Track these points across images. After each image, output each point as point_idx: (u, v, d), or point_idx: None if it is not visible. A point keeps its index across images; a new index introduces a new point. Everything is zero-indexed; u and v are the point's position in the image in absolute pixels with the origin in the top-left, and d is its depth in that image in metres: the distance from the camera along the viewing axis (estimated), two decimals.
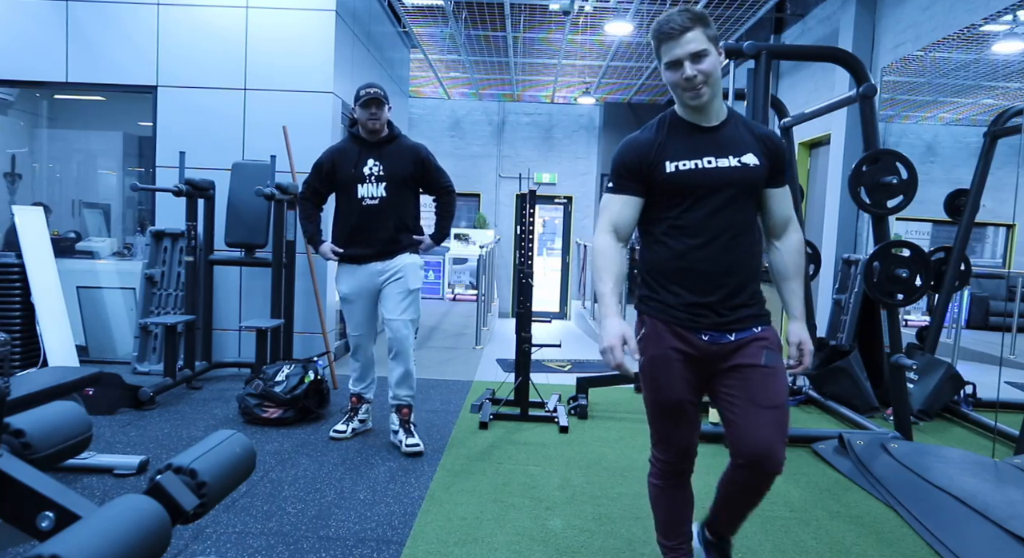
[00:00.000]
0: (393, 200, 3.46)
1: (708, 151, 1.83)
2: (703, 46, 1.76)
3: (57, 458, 1.30)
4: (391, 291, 3.48)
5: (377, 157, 3.47)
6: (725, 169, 1.82)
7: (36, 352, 4.48)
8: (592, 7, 7.09)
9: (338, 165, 3.49)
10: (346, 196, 3.49)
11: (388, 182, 3.45)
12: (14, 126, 6.58)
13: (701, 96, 1.79)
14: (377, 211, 3.45)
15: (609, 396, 4.73)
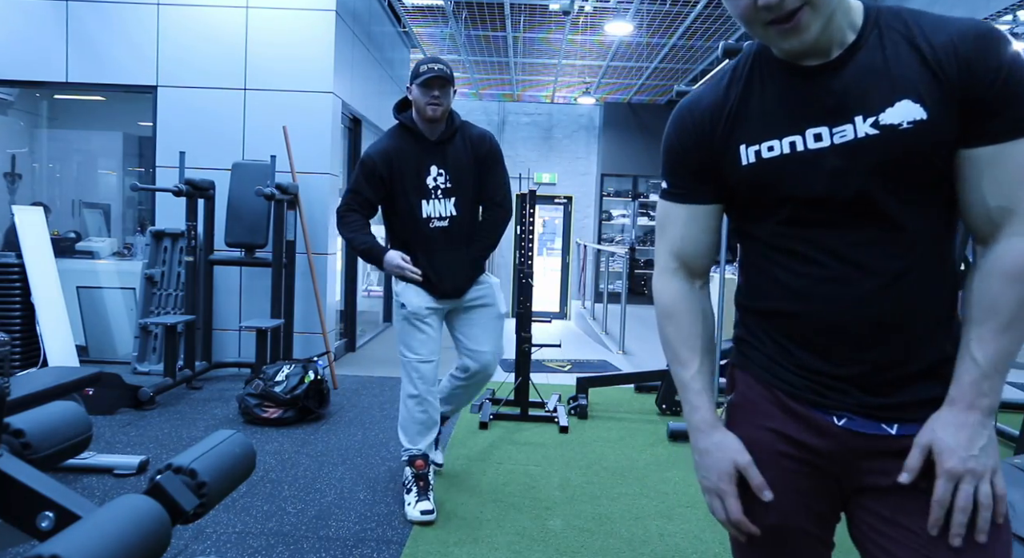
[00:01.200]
0: (466, 217, 2.77)
1: (815, 116, 0.98)
2: None
3: (57, 458, 1.30)
4: (480, 318, 2.86)
5: (441, 162, 2.73)
6: (848, 146, 0.96)
7: (36, 352, 4.48)
8: (592, 7, 7.09)
9: (397, 172, 2.70)
10: (406, 214, 2.74)
11: (458, 195, 2.74)
12: (14, 126, 6.59)
13: (802, 32, 0.93)
14: (448, 234, 2.74)
15: (609, 396, 4.73)
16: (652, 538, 2.58)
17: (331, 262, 5.56)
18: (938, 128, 0.94)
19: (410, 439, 2.77)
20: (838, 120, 0.97)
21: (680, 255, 1.15)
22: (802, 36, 0.94)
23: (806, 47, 0.96)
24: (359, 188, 2.73)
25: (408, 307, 2.74)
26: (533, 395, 4.27)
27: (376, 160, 2.71)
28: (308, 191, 5.17)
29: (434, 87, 2.65)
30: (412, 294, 2.75)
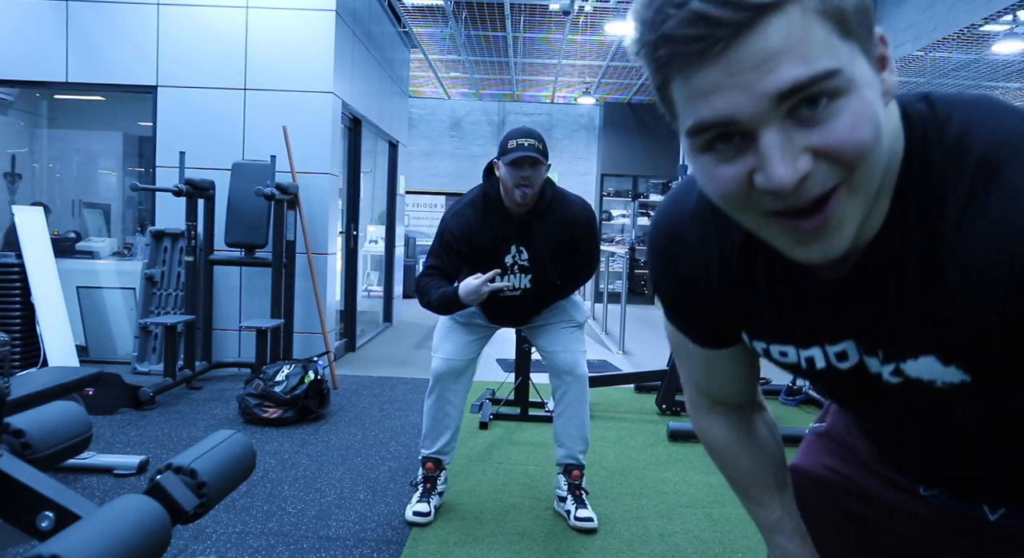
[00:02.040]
0: (540, 288, 2.61)
1: (831, 333, 0.72)
2: (818, 65, 0.53)
3: (57, 458, 1.30)
4: (554, 330, 2.72)
5: (523, 239, 2.53)
6: (877, 378, 0.72)
7: (36, 352, 4.48)
8: (592, 7, 7.09)
9: (474, 246, 2.52)
10: None
11: (535, 272, 2.57)
12: (14, 126, 6.59)
13: (830, 234, 0.58)
14: (517, 302, 2.61)
15: (609, 396, 4.73)
16: (652, 538, 2.59)
17: (331, 262, 5.56)
18: (991, 386, 0.66)
19: (423, 440, 2.74)
20: (861, 345, 0.70)
21: (710, 395, 0.94)
22: (830, 240, 0.58)
23: (833, 257, 0.60)
24: (439, 260, 2.55)
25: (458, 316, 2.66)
26: (533, 395, 4.27)
27: (456, 235, 2.51)
28: (308, 191, 5.17)
29: (524, 167, 2.39)
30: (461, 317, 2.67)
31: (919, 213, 0.61)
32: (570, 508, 2.66)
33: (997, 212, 0.56)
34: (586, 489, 2.73)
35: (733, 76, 0.52)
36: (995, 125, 0.59)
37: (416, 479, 2.77)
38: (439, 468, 2.74)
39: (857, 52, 0.55)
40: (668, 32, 0.53)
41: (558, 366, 2.68)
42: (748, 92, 0.53)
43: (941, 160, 0.60)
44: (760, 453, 0.93)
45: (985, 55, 6.71)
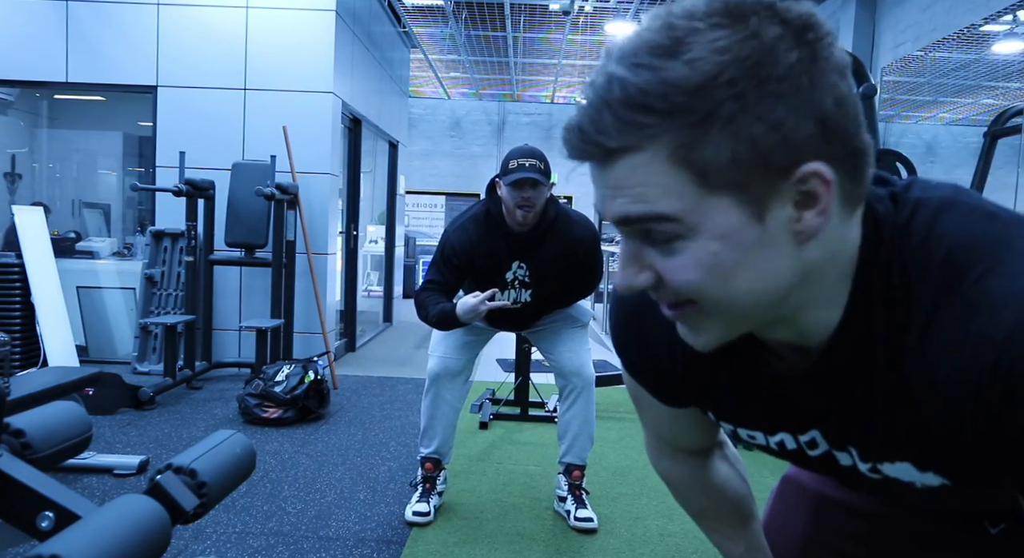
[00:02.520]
0: (540, 303, 2.64)
1: (799, 422, 0.72)
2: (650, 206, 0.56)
3: (57, 458, 1.30)
4: (558, 330, 2.70)
5: (524, 257, 2.55)
6: (852, 470, 0.72)
7: (36, 352, 4.48)
8: (592, 7, 7.10)
9: (476, 262, 2.54)
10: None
11: (536, 287, 2.59)
12: (14, 126, 6.59)
13: (692, 333, 0.64)
14: (519, 312, 2.64)
15: (609, 396, 4.73)
16: (652, 538, 2.59)
17: (331, 262, 5.56)
18: (970, 485, 0.65)
19: (421, 438, 2.73)
20: (831, 441, 0.70)
21: (672, 443, 0.95)
22: (694, 335, 0.62)
23: (705, 349, 0.63)
24: (439, 274, 2.54)
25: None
26: (533, 395, 4.27)
27: (457, 250, 2.51)
28: (308, 191, 5.17)
29: (524, 188, 2.37)
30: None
31: (884, 319, 0.60)
32: (570, 508, 2.66)
33: (960, 323, 0.55)
34: (586, 489, 2.72)
35: (599, 187, 0.58)
36: (960, 229, 0.58)
37: (415, 479, 2.76)
38: (438, 468, 2.74)
39: (722, 201, 0.54)
40: (566, 126, 0.58)
41: (564, 368, 2.66)
42: (604, 207, 0.59)
43: (905, 267, 0.59)
44: (721, 492, 0.95)
45: (985, 55, 6.71)
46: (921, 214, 0.60)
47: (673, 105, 0.52)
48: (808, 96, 0.53)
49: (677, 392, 0.81)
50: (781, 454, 0.76)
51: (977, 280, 0.55)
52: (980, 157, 4.66)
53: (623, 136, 0.53)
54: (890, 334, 0.60)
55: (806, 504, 0.95)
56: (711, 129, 0.52)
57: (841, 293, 0.61)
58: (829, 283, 0.60)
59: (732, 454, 0.98)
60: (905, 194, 0.62)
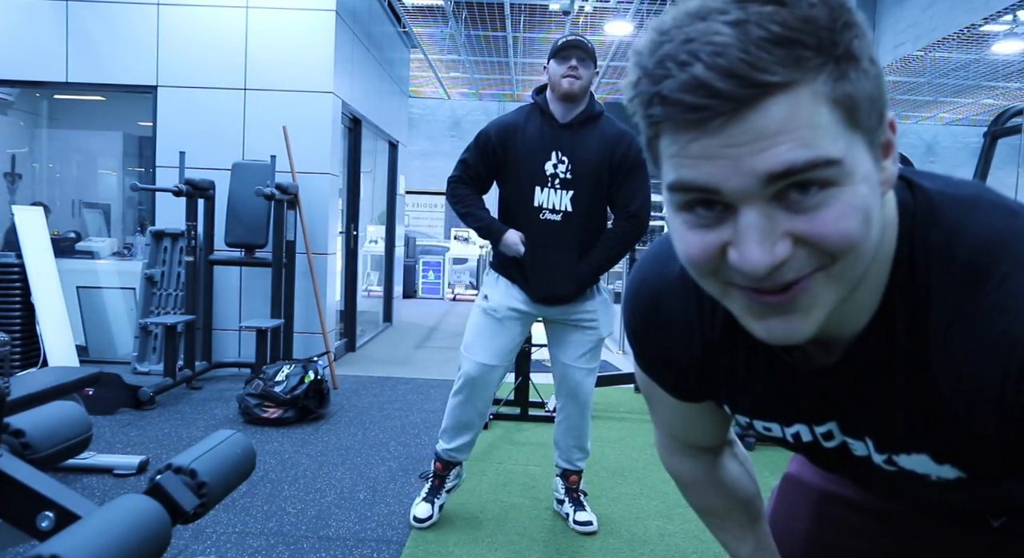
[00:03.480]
0: (583, 217, 2.41)
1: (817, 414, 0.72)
2: (817, 151, 0.50)
3: (57, 458, 1.30)
4: (576, 338, 2.54)
5: (566, 149, 2.39)
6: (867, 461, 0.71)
7: (36, 352, 4.48)
8: (592, 7, 7.10)
9: (512, 148, 2.41)
10: (515, 199, 2.45)
11: (577, 189, 2.38)
12: (14, 126, 6.59)
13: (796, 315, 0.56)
14: (558, 233, 2.40)
15: (609, 396, 4.73)
16: (652, 538, 2.59)
17: (331, 262, 5.56)
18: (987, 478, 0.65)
19: (442, 434, 2.61)
20: (846, 430, 0.70)
21: (683, 440, 0.95)
22: (794, 322, 0.56)
23: (796, 342, 0.57)
24: (470, 160, 2.47)
25: (489, 301, 2.49)
26: (533, 395, 4.27)
27: (492, 133, 2.43)
28: (308, 191, 5.17)
29: (571, 56, 2.34)
30: (501, 289, 2.49)
31: (906, 314, 0.60)
32: (569, 511, 2.65)
33: (985, 321, 0.55)
34: (584, 491, 2.72)
35: (726, 148, 0.50)
36: (983, 227, 0.58)
37: (427, 471, 2.71)
38: (449, 468, 2.65)
39: (861, 143, 0.52)
40: (666, 93, 0.50)
41: (563, 382, 2.59)
42: (738, 166, 0.50)
43: (928, 262, 0.59)
44: (732, 491, 0.94)
45: (985, 55, 6.71)
46: (946, 209, 0.60)
47: (821, 39, 0.49)
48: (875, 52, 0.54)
49: (693, 386, 0.79)
50: (796, 446, 0.76)
51: (1003, 278, 0.55)
52: (980, 157, 4.66)
53: (787, 69, 0.48)
54: (913, 327, 0.59)
55: (809, 501, 0.96)
56: (852, 66, 0.51)
57: (884, 272, 0.60)
58: (882, 255, 0.59)
59: (742, 453, 0.97)
60: (928, 188, 0.62)
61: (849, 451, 0.71)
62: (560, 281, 2.43)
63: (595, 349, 2.58)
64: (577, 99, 2.37)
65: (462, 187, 2.50)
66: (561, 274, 2.42)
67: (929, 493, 0.71)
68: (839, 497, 0.93)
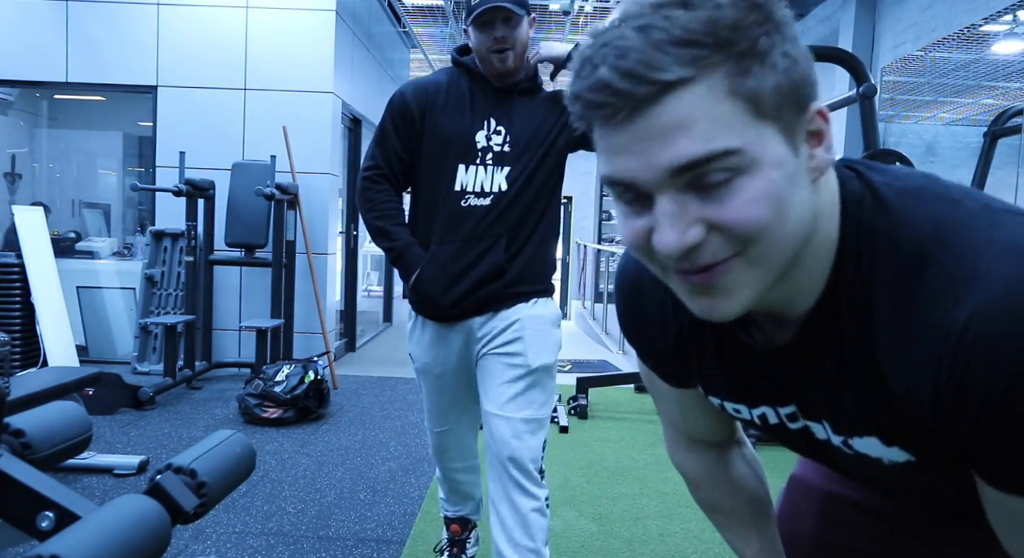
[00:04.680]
0: (521, 200, 1.79)
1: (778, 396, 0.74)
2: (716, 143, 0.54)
3: (57, 458, 1.30)
4: (494, 366, 1.81)
5: (504, 115, 1.80)
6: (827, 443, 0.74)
7: (36, 352, 4.48)
8: (592, 7, 7.10)
9: (432, 116, 1.80)
10: (431, 182, 1.82)
11: (516, 165, 1.78)
12: (14, 126, 6.59)
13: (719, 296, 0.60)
14: (483, 220, 1.78)
15: (609, 396, 4.73)
16: (652, 538, 2.59)
17: (331, 262, 5.56)
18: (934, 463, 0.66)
19: (445, 496, 2.16)
20: (806, 413, 0.72)
21: (687, 433, 0.95)
22: (720, 301, 0.59)
23: (723, 320, 0.61)
24: (387, 142, 1.82)
25: (416, 361, 1.94)
26: None
27: (408, 96, 1.80)
28: (308, 191, 5.17)
29: (494, 22, 1.74)
30: (428, 338, 1.89)
31: (851, 300, 0.62)
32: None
33: (922, 312, 0.57)
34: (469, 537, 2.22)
35: (635, 142, 0.54)
36: (925, 217, 0.60)
37: (440, 543, 2.23)
38: (466, 529, 2.18)
39: (771, 131, 0.55)
40: (578, 92, 0.55)
41: (493, 439, 1.78)
42: (646, 161, 0.54)
43: (873, 250, 0.61)
44: (739, 490, 0.94)
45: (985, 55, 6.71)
46: (892, 199, 0.62)
47: (719, 39, 0.52)
48: (802, 44, 0.57)
49: (675, 369, 0.82)
50: (764, 429, 0.78)
51: (940, 268, 0.57)
52: (980, 157, 4.66)
53: (682, 67, 0.52)
54: (858, 312, 0.62)
55: (814, 503, 0.96)
56: (755, 61, 0.53)
57: (828, 257, 0.63)
58: (822, 240, 0.62)
59: (750, 454, 0.98)
60: (874, 177, 0.64)
61: (812, 434, 0.74)
62: (478, 280, 1.77)
63: (530, 388, 1.79)
64: (513, 74, 1.80)
65: (378, 187, 1.83)
66: (480, 273, 1.77)
67: (890, 477, 0.72)
68: (844, 497, 0.93)
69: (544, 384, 1.83)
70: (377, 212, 1.84)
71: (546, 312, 1.87)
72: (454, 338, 1.85)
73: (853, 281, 0.62)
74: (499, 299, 1.80)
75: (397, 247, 1.82)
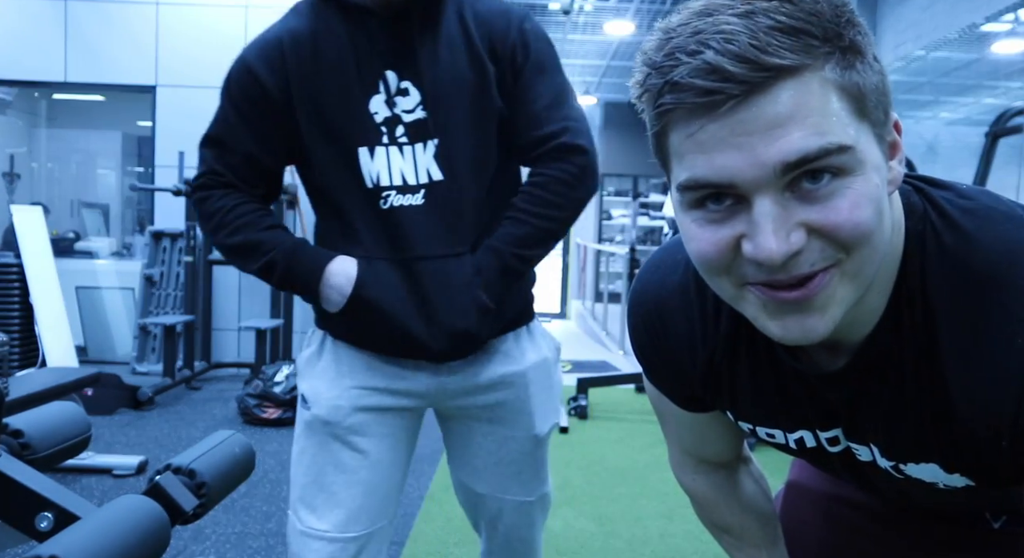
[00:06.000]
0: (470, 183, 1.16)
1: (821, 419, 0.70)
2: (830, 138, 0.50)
3: (56, 458, 1.30)
4: (484, 436, 1.27)
5: (406, 58, 1.15)
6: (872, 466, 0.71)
7: (35, 352, 4.47)
8: (592, 7, 7.10)
9: (299, 83, 1.22)
10: (331, 180, 1.19)
11: (445, 134, 1.14)
12: (13, 126, 6.58)
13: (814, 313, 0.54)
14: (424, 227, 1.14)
15: (609, 396, 4.73)
16: (652, 538, 2.58)
17: None
18: (994, 485, 0.64)
19: None
20: (851, 435, 0.68)
21: (697, 455, 0.91)
22: (811, 320, 0.54)
23: (812, 342, 0.56)
24: (228, 135, 1.26)
25: (312, 405, 1.20)
26: None
27: (254, 65, 1.29)
28: None
29: None
30: (328, 373, 1.20)
31: (915, 322, 0.59)
32: None
33: (1002, 336, 0.55)
34: None
35: (738, 136, 0.50)
36: (998, 238, 0.57)
37: None
38: None
39: (869, 134, 0.53)
40: (677, 79, 0.50)
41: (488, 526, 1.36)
42: (751, 156, 0.50)
43: (940, 270, 0.58)
44: (748, 509, 0.92)
45: (986, 54, 6.71)
46: (957, 218, 0.59)
47: (827, 31, 0.50)
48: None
49: (698, 394, 0.78)
50: (799, 452, 0.75)
51: (1017, 292, 0.55)
52: (981, 157, 4.66)
53: (796, 55, 0.48)
54: (923, 335, 0.59)
55: (816, 507, 0.95)
56: (857, 58, 0.51)
57: (890, 277, 0.59)
58: (889, 261, 0.58)
59: (757, 471, 0.95)
60: (937, 194, 0.62)
61: (853, 456, 0.71)
62: (448, 307, 1.13)
63: (537, 461, 1.31)
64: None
65: (219, 193, 1.20)
66: (445, 295, 1.13)
67: (934, 498, 0.71)
68: (845, 500, 0.92)
69: (548, 445, 1.35)
70: (229, 227, 1.18)
71: (547, 350, 1.34)
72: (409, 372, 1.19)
73: (917, 302, 0.58)
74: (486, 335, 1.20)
75: (278, 254, 1.15)
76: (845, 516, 0.92)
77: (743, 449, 0.93)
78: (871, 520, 0.90)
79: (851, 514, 0.91)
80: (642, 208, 11.69)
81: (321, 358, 1.23)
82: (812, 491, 0.96)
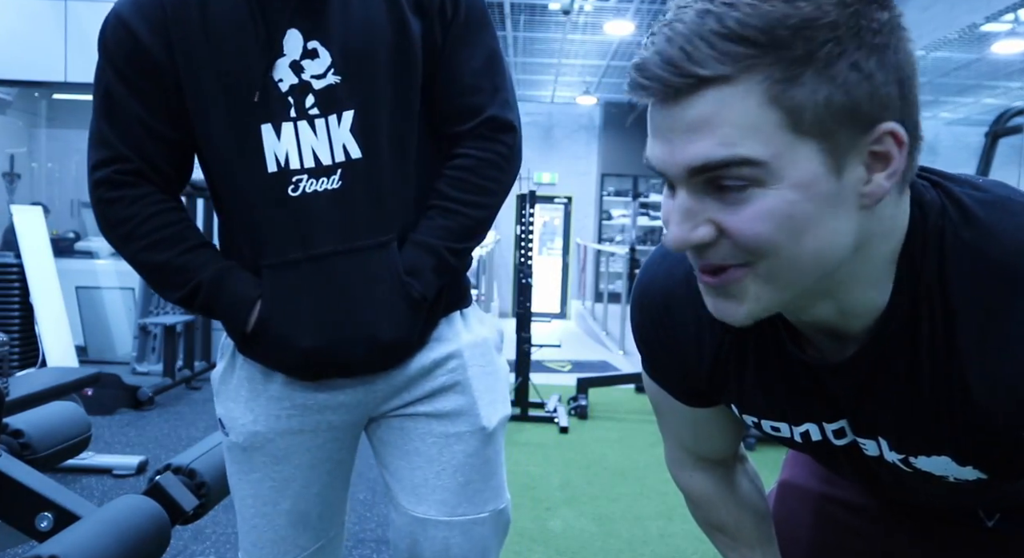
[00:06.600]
0: (392, 161, 0.98)
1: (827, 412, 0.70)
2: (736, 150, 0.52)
3: (56, 458, 1.30)
4: (422, 439, 1.15)
5: (313, 18, 0.94)
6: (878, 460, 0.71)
7: (35, 352, 4.47)
8: (592, 6, 7.10)
9: (186, 43, 0.94)
10: (227, 163, 0.99)
11: (361, 102, 0.96)
12: (13, 126, 6.58)
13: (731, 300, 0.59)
14: (341, 215, 0.96)
15: (609, 396, 4.73)
16: (652, 538, 2.58)
17: None
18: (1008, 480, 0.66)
19: None
20: (858, 429, 0.69)
21: (695, 452, 0.92)
22: (731, 307, 0.58)
23: (734, 324, 0.60)
24: (118, 107, 0.97)
25: (229, 431, 1.11)
26: (533, 395, 4.27)
27: (130, 18, 0.95)
28: None
29: None
30: (241, 392, 1.14)
31: (933, 316, 0.59)
32: None
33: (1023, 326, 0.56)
34: None
35: (667, 131, 0.54)
36: (1014, 229, 0.58)
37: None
38: None
39: (809, 149, 0.52)
40: (636, 61, 0.54)
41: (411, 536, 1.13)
42: (671, 153, 0.54)
43: (958, 264, 0.58)
44: (743, 507, 0.92)
45: (986, 55, 6.71)
46: (976, 211, 0.60)
47: (774, 39, 0.49)
48: (894, 57, 0.53)
49: (702, 387, 0.78)
50: (805, 446, 0.75)
51: None
52: (981, 157, 4.66)
53: (718, 65, 0.50)
54: (939, 327, 0.59)
55: (808, 506, 0.95)
56: (808, 69, 0.50)
57: (888, 276, 0.60)
58: (878, 262, 0.59)
59: (752, 470, 0.96)
60: (954, 188, 0.62)
61: (860, 450, 0.71)
62: (376, 312, 1.00)
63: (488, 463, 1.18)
64: None
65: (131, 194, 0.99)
66: (362, 298, 0.99)
67: (939, 493, 0.70)
68: (838, 500, 0.92)
69: (500, 447, 1.19)
70: (145, 240, 1.01)
71: (486, 332, 1.14)
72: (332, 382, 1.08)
73: (933, 297, 0.59)
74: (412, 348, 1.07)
75: (205, 282, 1.04)
76: (837, 515, 0.92)
77: (739, 448, 0.94)
78: (863, 519, 0.90)
79: (843, 513, 0.92)
80: (642, 208, 11.69)
81: (234, 375, 1.14)
82: (804, 490, 0.96)
